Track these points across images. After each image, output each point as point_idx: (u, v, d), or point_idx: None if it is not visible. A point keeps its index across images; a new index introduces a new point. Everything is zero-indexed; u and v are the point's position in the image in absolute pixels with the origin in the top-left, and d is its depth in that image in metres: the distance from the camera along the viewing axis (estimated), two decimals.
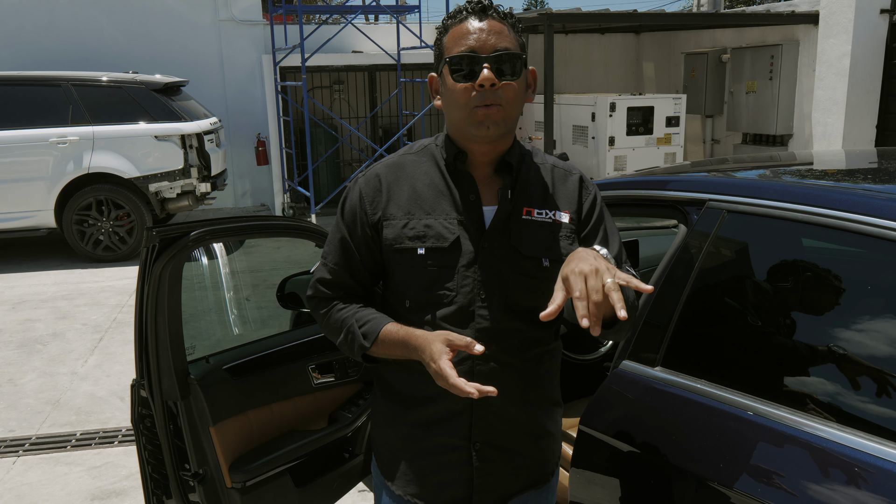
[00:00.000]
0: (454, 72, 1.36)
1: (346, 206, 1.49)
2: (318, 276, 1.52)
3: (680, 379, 1.60)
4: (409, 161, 1.48)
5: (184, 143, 7.12)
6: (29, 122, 6.85)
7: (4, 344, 4.98)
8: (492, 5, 1.39)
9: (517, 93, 1.37)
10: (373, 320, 1.42)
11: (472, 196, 1.42)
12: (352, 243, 1.46)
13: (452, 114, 1.40)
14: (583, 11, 8.35)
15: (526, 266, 1.41)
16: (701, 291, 1.67)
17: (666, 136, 8.56)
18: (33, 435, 3.68)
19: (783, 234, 1.60)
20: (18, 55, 8.71)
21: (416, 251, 1.39)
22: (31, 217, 6.94)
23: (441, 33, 1.42)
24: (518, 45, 1.38)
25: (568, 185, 1.49)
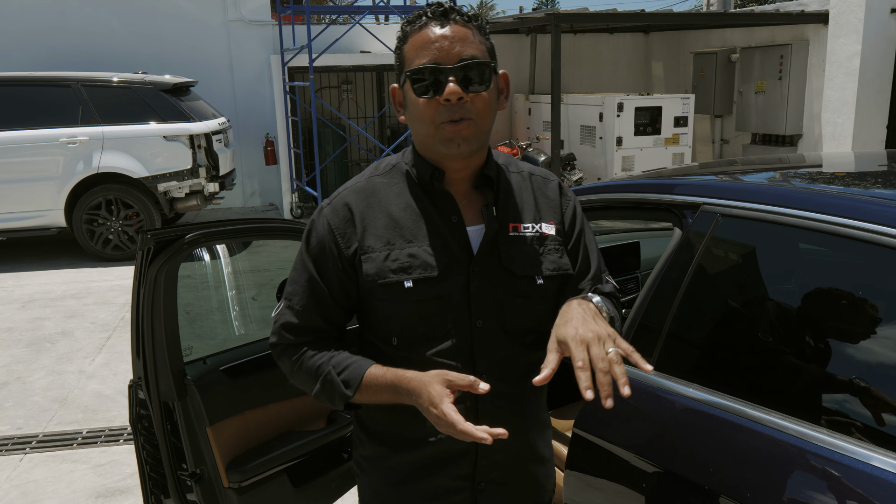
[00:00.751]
0: (416, 86, 1.24)
1: (311, 240, 1.33)
2: (283, 321, 1.34)
3: (673, 383, 1.60)
4: (379, 184, 1.34)
5: (192, 143, 7.17)
6: (39, 122, 6.92)
7: (14, 342, 5.04)
8: (454, 8, 1.26)
9: (488, 104, 1.26)
10: (353, 365, 1.28)
11: (455, 217, 1.31)
12: (322, 282, 1.31)
13: (418, 130, 1.28)
14: (590, 11, 8.33)
15: (520, 286, 1.31)
16: (695, 295, 1.67)
17: (674, 136, 8.53)
18: (40, 433, 3.72)
19: (777, 239, 1.60)
20: (29, 56, 8.79)
21: (403, 284, 1.26)
22: (42, 216, 7.01)
23: (400, 42, 1.29)
24: (486, 51, 1.27)
25: (549, 193, 1.40)
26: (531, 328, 1.33)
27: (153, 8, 9.20)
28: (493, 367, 1.30)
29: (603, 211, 2.03)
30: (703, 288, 1.68)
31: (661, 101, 8.47)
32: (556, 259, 1.35)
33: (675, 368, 1.62)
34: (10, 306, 5.82)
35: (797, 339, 1.54)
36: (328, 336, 1.35)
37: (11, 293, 6.18)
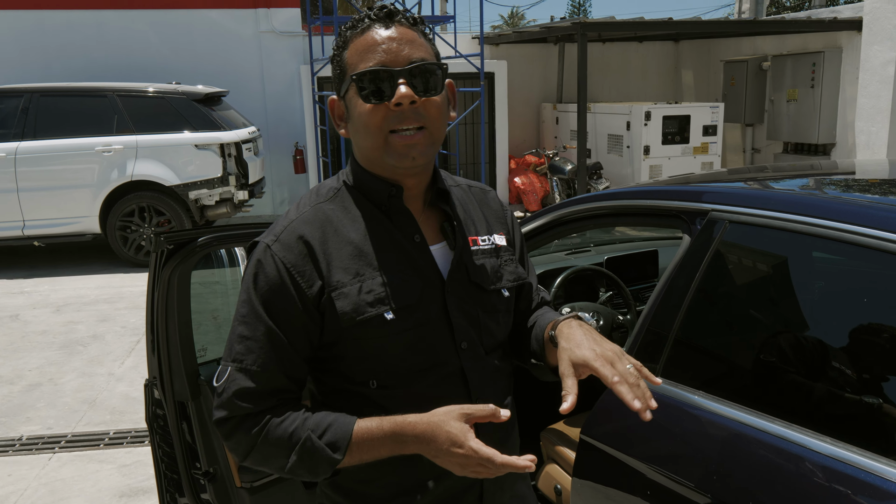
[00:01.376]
0: (363, 91, 1.13)
1: (260, 285, 1.15)
2: (235, 389, 1.13)
3: (679, 390, 1.60)
4: (329, 211, 1.20)
5: (223, 151, 7.31)
6: (76, 131, 7.13)
7: (48, 345, 5.18)
8: (398, 10, 1.17)
9: (440, 110, 1.16)
10: (335, 424, 1.12)
11: (417, 237, 1.21)
12: (282, 333, 1.14)
13: (364, 142, 1.17)
14: (616, 20, 8.31)
15: (491, 301, 1.26)
16: (702, 302, 1.66)
17: (703, 145, 8.45)
18: (69, 433, 3.82)
19: (786, 245, 1.59)
20: (69, 68, 9.06)
21: (385, 317, 1.14)
22: (77, 223, 7.21)
23: (340, 49, 1.18)
24: (434, 56, 1.18)
25: (491, 203, 1.36)
26: (500, 342, 1.29)
27: (188, 21, 9.43)
28: (484, 390, 1.23)
29: (613, 218, 2.04)
30: (710, 295, 1.68)
31: (690, 109, 8.40)
32: (514, 269, 1.32)
33: (682, 376, 1.62)
34: (45, 310, 5.99)
35: (806, 348, 1.53)
36: (291, 397, 1.17)
37: (47, 297, 6.35)
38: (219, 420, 1.16)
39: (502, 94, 9.44)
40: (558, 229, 2.19)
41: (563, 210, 2.14)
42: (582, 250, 3.23)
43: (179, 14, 9.39)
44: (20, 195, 6.99)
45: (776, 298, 1.65)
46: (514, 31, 10.41)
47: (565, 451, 2.33)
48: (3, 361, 4.84)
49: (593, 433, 1.73)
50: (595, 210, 2.06)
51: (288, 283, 1.14)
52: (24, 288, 6.65)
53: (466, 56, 8.43)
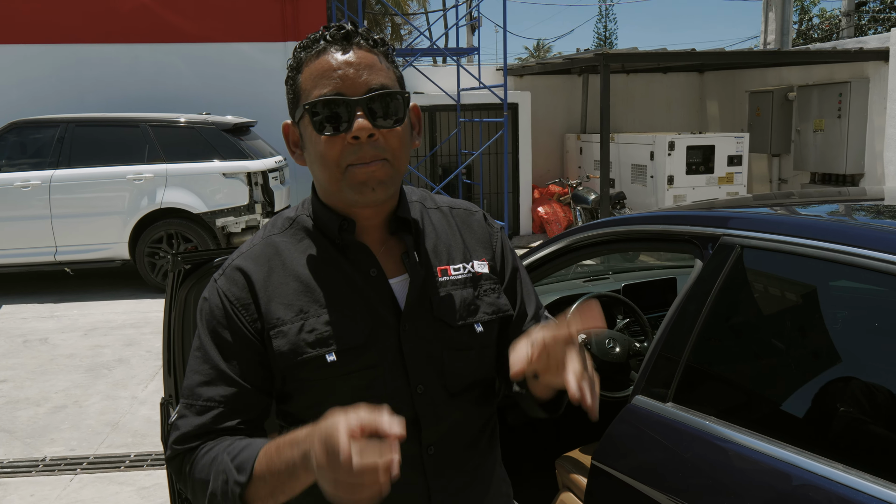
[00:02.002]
0: (317, 121, 1.04)
1: (208, 320, 1.11)
2: (182, 430, 1.07)
3: (690, 415, 1.58)
4: (280, 243, 1.14)
5: (249, 180, 7.45)
6: (109, 160, 7.32)
7: (74, 368, 5.27)
8: (357, 31, 1.07)
9: (402, 140, 1.08)
10: (249, 447, 1.01)
11: (374, 271, 1.12)
12: (229, 368, 1.08)
13: (320, 174, 1.09)
14: (639, 51, 8.36)
15: (459, 338, 1.14)
16: (713, 327, 1.65)
17: (728, 175, 8.40)
18: (91, 454, 3.87)
19: (798, 270, 1.58)
20: (105, 99, 9.35)
21: (325, 359, 1.06)
22: (108, 249, 7.36)
23: (294, 71, 1.09)
24: (396, 80, 1.09)
25: (474, 226, 1.24)
26: (474, 382, 1.17)
27: (219, 54, 9.70)
28: (441, 438, 1.13)
29: (627, 243, 2.04)
30: (722, 320, 1.67)
31: (714, 139, 8.38)
32: (494, 300, 1.19)
33: (694, 402, 1.60)
34: (73, 334, 6.10)
35: (820, 374, 1.51)
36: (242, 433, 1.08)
37: (76, 321, 6.48)
38: (168, 459, 1.11)
39: (526, 124, 9.51)
40: (573, 254, 2.20)
41: (578, 235, 2.15)
42: (600, 277, 3.22)
43: (211, 47, 9.67)
44: (53, 222, 7.18)
45: (790, 324, 1.63)
46: (538, 62, 10.53)
47: (580, 479, 2.30)
48: (31, 384, 4.93)
49: (604, 459, 1.72)
50: (609, 235, 2.06)
51: (233, 317, 1.09)
52: (54, 312, 6.79)
53: (490, 87, 8.53)
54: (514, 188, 9.66)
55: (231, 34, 9.69)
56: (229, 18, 9.68)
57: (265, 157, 7.76)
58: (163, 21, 9.53)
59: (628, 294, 2.82)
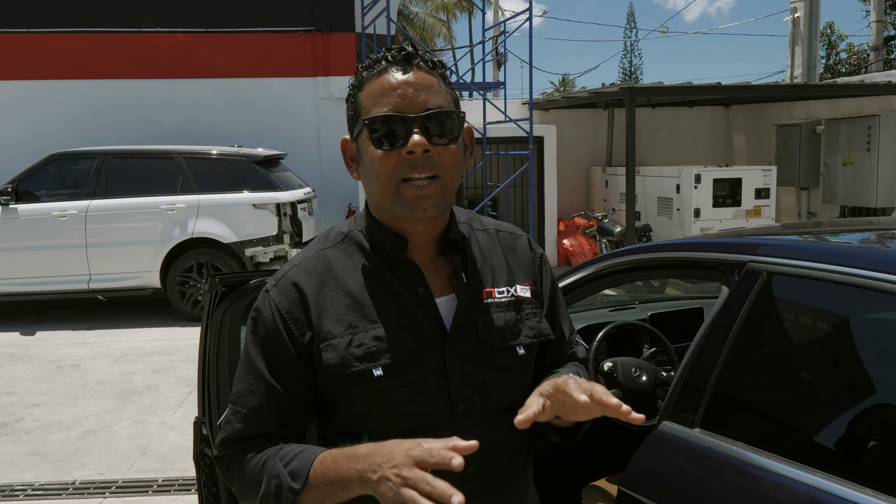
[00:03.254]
0: (375, 136, 1.08)
1: (258, 329, 1.14)
2: (229, 430, 1.14)
3: (718, 441, 1.58)
4: (332, 257, 1.17)
5: (279, 211, 7.58)
6: (144, 190, 7.52)
7: (105, 393, 5.35)
8: (417, 53, 1.12)
9: (456, 159, 1.12)
10: (302, 453, 1.07)
11: (422, 289, 1.14)
12: (275, 378, 1.12)
13: (374, 189, 1.13)
14: (665, 85, 8.41)
15: (501, 360, 1.16)
16: (739, 353, 1.65)
17: (755, 208, 8.34)
18: (120, 479, 3.92)
19: (824, 296, 1.58)
20: (142, 132, 9.64)
21: (372, 373, 1.09)
22: (140, 277, 7.51)
23: (355, 89, 1.14)
24: (452, 102, 1.14)
25: (519, 250, 1.26)
26: (514, 404, 1.14)
27: (251, 89, 9.96)
28: (480, 457, 1.10)
29: (653, 270, 2.05)
30: (748, 346, 1.67)
31: (741, 172, 8.35)
32: (536, 324, 1.21)
33: (720, 428, 1.60)
34: (104, 360, 6.21)
35: (845, 401, 1.50)
36: (282, 439, 1.13)
37: (107, 348, 6.59)
38: (216, 458, 1.18)
39: (551, 157, 9.58)
40: (598, 282, 2.22)
41: (603, 263, 2.17)
42: (627, 307, 3.22)
43: (244, 82, 9.94)
44: (88, 250, 7.36)
45: (819, 351, 1.63)
46: (564, 96, 10.63)
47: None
48: (63, 408, 5.02)
49: (631, 485, 1.71)
50: (634, 262, 2.08)
51: (282, 330, 1.12)
52: (86, 339, 6.92)
53: (516, 120, 8.63)
54: (540, 220, 9.69)
55: (263, 70, 9.96)
56: (262, 55, 9.97)
57: (294, 188, 7.91)
58: (198, 57, 9.85)
59: (655, 323, 2.82)
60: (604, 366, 2.46)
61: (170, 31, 9.77)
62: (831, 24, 29.73)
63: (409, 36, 12.34)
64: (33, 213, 7.32)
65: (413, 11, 27.33)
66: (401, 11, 24.77)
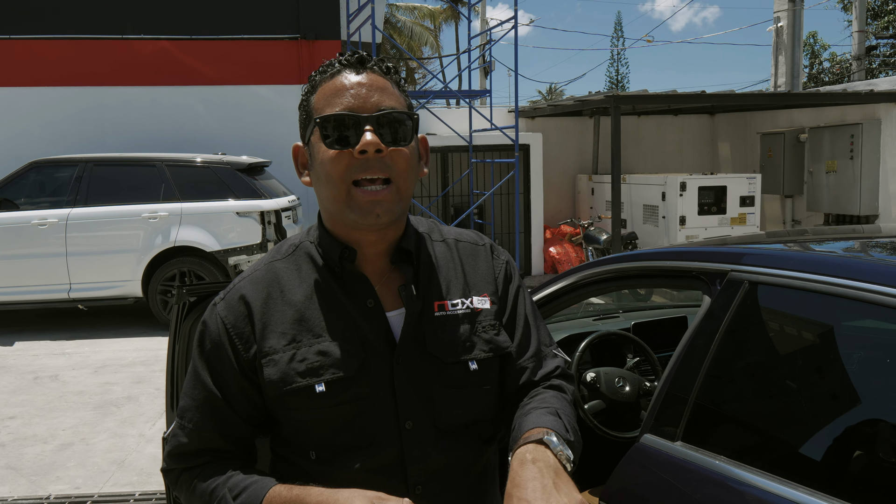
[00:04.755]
0: (326, 137, 1.06)
1: (205, 344, 1.12)
2: (174, 444, 1.13)
3: (699, 454, 1.55)
4: (281, 269, 1.13)
5: (263, 219, 7.51)
6: (126, 198, 7.43)
7: (83, 405, 5.26)
8: (371, 57, 1.11)
9: (409, 163, 1.08)
10: (253, 486, 1.05)
11: (371, 301, 1.11)
12: (220, 393, 1.10)
13: (325, 193, 1.09)
14: (650, 93, 8.43)
15: (452, 375, 1.11)
16: (721, 364, 1.62)
17: (740, 215, 8.37)
18: (96, 493, 3.83)
19: (808, 306, 1.55)
20: (124, 139, 9.54)
21: (314, 389, 1.05)
22: (121, 286, 7.41)
23: (308, 94, 1.12)
24: (406, 106, 1.12)
25: (479, 260, 1.21)
26: (469, 422, 1.13)
27: (237, 96, 9.90)
28: (429, 478, 1.10)
29: (634, 279, 2.02)
30: (730, 357, 1.64)
31: (726, 180, 8.38)
32: (492, 337, 1.15)
33: (701, 441, 1.57)
34: (83, 371, 6.10)
35: (829, 412, 1.47)
36: (230, 456, 1.12)
37: (87, 358, 6.49)
38: (163, 470, 1.17)
39: (537, 165, 9.58)
40: (580, 291, 2.18)
41: (585, 272, 2.14)
42: (610, 316, 3.19)
43: (229, 90, 9.88)
44: (69, 259, 7.25)
45: (803, 362, 1.60)
46: (550, 104, 10.64)
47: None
48: (40, 420, 4.92)
49: (612, 499, 1.67)
50: (617, 272, 2.05)
51: (226, 344, 1.10)
52: (65, 349, 6.81)
53: (502, 128, 8.62)
54: (526, 228, 9.67)
55: (248, 77, 9.90)
56: (247, 62, 9.91)
57: (279, 196, 7.84)
58: (182, 64, 9.77)
59: (638, 332, 2.79)
60: (586, 376, 2.43)
61: (154, 37, 9.69)
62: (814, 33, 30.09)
63: (396, 44, 12.32)
64: (12, 222, 7.21)
65: (400, 20, 27.37)
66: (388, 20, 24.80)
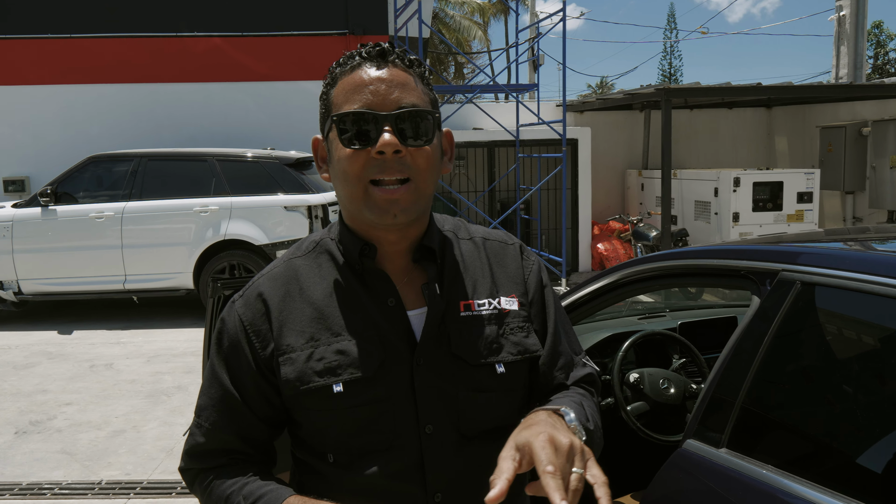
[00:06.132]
0: (343, 134, 1.02)
1: (223, 342, 1.10)
2: (191, 444, 1.12)
3: (745, 462, 1.48)
4: (300, 266, 1.11)
5: (310, 213, 7.59)
6: (178, 192, 7.61)
7: (135, 393, 5.41)
8: (393, 49, 1.06)
9: (430, 161, 1.04)
10: (268, 495, 1.03)
11: (392, 300, 1.07)
12: (237, 392, 1.08)
13: (343, 191, 1.06)
14: (702, 86, 8.20)
15: (478, 378, 1.07)
16: (771, 368, 1.54)
17: (797, 212, 8.08)
18: (145, 479, 3.93)
19: (866, 309, 1.47)
20: (177, 135, 9.78)
21: (332, 389, 1.03)
22: (173, 278, 7.60)
23: (328, 86, 1.08)
24: (429, 102, 1.07)
25: (507, 260, 1.17)
26: (493, 427, 1.08)
27: (285, 92, 10.04)
28: (449, 485, 1.05)
29: (678, 278, 1.95)
30: (781, 361, 1.56)
31: (783, 175, 8.10)
32: (521, 339, 1.11)
33: (748, 447, 1.50)
34: (136, 360, 6.28)
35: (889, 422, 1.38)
36: (247, 459, 1.11)
37: (140, 348, 6.68)
38: (181, 469, 1.17)
39: (585, 159, 9.43)
40: (623, 290, 2.12)
41: (628, 269, 2.08)
42: (656, 315, 3.10)
43: (277, 85, 10.02)
44: (124, 251, 7.47)
45: (858, 368, 1.51)
46: (599, 98, 10.47)
47: None
48: (94, 407, 5.08)
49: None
50: (661, 270, 1.98)
51: (244, 343, 1.08)
52: (120, 339, 7.02)
53: (549, 122, 8.51)
54: (574, 224, 9.55)
55: (297, 73, 10.02)
56: (295, 58, 10.03)
57: (326, 191, 7.92)
58: (233, 61, 9.96)
59: (685, 332, 2.71)
60: (630, 377, 2.36)
61: (206, 35, 9.89)
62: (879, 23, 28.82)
63: (443, 38, 12.30)
64: (72, 215, 7.46)
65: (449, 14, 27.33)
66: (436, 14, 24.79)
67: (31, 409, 5.05)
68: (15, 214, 7.48)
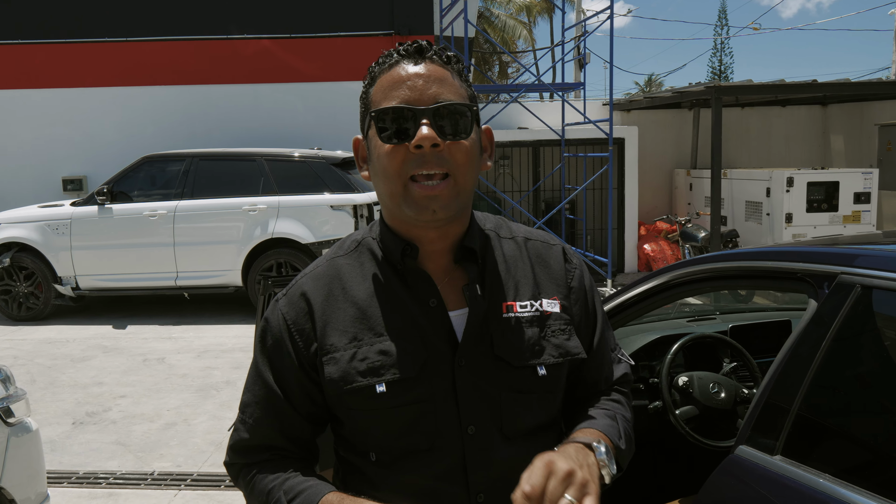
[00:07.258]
0: (382, 130, 1.02)
1: (266, 340, 1.12)
2: (234, 439, 1.14)
3: (801, 470, 1.44)
4: (343, 266, 1.11)
5: (355, 212, 7.67)
6: (228, 191, 7.78)
7: (186, 387, 5.55)
8: (431, 47, 1.06)
9: (469, 155, 1.04)
10: (308, 490, 1.04)
11: (433, 301, 1.07)
12: (280, 389, 1.09)
13: (382, 188, 1.06)
14: (754, 83, 7.99)
15: (519, 379, 1.08)
16: (828, 373, 1.50)
17: (854, 213, 7.82)
18: (195, 472, 4.03)
19: None
20: (228, 135, 10.01)
21: (375, 389, 1.03)
22: (222, 276, 7.78)
23: (367, 85, 1.09)
24: (467, 97, 1.07)
25: (551, 261, 1.16)
26: (534, 428, 1.09)
27: (332, 92, 10.17)
28: (491, 485, 1.05)
29: (730, 280, 1.91)
30: (839, 367, 1.51)
31: (839, 175, 7.84)
32: (563, 342, 1.11)
33: (804, 455, 1.45)
34: (187, 355, 6.44)
35: None
36: (289, 455, 1.12)
37: (191, 343, 6.85)
38: (226, 464, 1.19)
39: (632, 159, 9.30)
40: (672, 292, 2.08)
41: (678, 271, 2.04)
42: (706, 317, 3.04)
43: (325, 86, 10.16)
44: (176, 249, 7.67)
45: None
46: (646, 96, 10.30)
47: None
48: (147, 400, 5.23)
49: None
50: (712, 271, 1.94)
51: (287, 341, 1.09)
52: (172, 334, 7.21)
53: (595, 121, 8.42)
54: (620, 224, 9.42)
55: (343, 73, 10.14)
56: (343, 58, 10.16)
57: (371, 190, 7.99)
58: (281, 62, 10.13)
59: (736, 336, 2.65)
60: (678, 380, 2.32)
61: (255, 37, 10.09)
62: None
63: (489, 38, 12.28)
64: (126, 213, 7.70)
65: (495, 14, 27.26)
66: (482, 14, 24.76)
67: (88, 400, 5.23)
68: (73, 213, 7.75)
